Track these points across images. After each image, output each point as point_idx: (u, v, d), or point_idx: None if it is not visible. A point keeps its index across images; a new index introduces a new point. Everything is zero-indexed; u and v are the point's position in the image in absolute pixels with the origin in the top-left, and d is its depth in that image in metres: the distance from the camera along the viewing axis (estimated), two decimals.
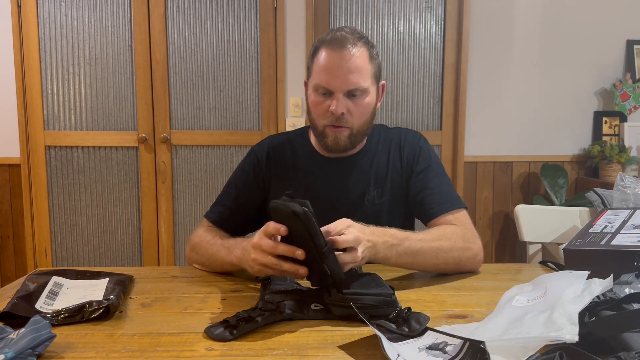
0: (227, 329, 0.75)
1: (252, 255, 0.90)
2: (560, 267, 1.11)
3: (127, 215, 2.80)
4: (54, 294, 0.89)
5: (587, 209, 1.62)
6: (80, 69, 2.71)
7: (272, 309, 0.81)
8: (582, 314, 0.65)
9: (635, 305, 0.69)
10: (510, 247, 2.95)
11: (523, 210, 1.65)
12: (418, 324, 0.74)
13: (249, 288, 1.00)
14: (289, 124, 2.75)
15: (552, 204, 2.69)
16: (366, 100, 1.14)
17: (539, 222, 1.64)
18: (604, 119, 2.85)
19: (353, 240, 0.87)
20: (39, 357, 0.67)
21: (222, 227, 1.23)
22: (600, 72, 2.85)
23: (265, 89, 2.76)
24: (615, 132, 2.85)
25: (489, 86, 2.84)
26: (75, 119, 2.73)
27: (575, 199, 2.68)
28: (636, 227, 1.09)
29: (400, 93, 2.84)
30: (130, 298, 0.94)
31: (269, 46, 2.73)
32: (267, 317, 0.79)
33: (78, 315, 0.81)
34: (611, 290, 0.77)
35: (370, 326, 0.71)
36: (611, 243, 1.01)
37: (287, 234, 0.85)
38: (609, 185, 2.14)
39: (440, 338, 0.68)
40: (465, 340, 0.64)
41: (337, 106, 1.10)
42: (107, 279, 0.98)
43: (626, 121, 2.82)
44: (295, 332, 0.77)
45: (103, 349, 0.71)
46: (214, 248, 1.11)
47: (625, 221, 1.14)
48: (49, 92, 2.71)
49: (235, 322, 0.76)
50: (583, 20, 2.82)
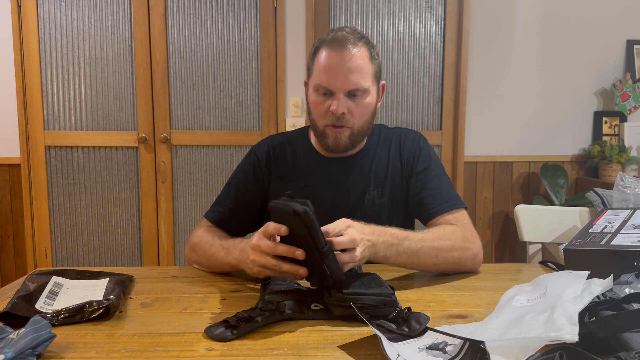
0: (227, 329, 0.75)
1: (251, 256, 0.90)
2: (560, 267, 1.11)
3: (127, 215, 2.81)
4: (54, 294, 0.89)
5: (587, 209, 1.62)
6: (80, 69, 2.71)
7: (272, 309, 0.81)
8: (582, 314, 0.65)
9: (635, 305, 0.69)
10: (510, 247, 2.95)
11: (523, 210, 1.65)
12: (418, 324, 0.74)
13: (249, 288, 1.00)
14: (289, 124, 2.75)
15: (552, 204, 2.69)
16: (367, 100, 1.14)
17: (539, 222, 1.64)
18: (604, 119, 2.85)
19: (349, 241, 0.87)
20: (39, 357, 0.67)
21: (222, 227, 1.23)
22: (600, 72, 2.85)
23: (265, 89, 2.76)
24: (615, 132, 2.85)
25: (489, 86, 2.84)
26: (75, 119, 2.73)
27: (575, 199, 2.68)
28: (636, 227, 1.09)
29: (400, 93, 2.84)
30: (130, 298, 0.94)
31: (269, 46, 2.74)
32: (267, 317, 0.79)
33: (78, 315, 0.81)
34: (611, 290, 0.77)
35: (370, 326, 0.71)
36: (611, 243, 1.01)
37: (287, 234, 0.84)
38: (609, 185, 2.14)
39: (440, 338, 0.68)
40: (465, 340, 0.64)
41: (338, 106, 1.10)
42: (107, 279, 0.98)
43: (626, 121, 2.82)
44: (295, 332, 0.77)
45: (103, 349, 0.71)
46: (213, 249, 1.11)
47: (625, 221, 1.14)
48: (49, 92, 2.71)
49: (235, 322, 0.76)
50: (583, 20, 2.82)
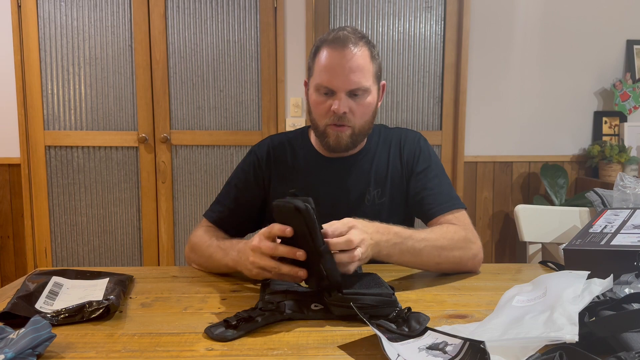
0: (227, 329, 0.75)
1: (250, 258, 0.90)
2: (560, 267, 1.11)
3: (127, 215, 2.80)
4: (54, 294, 0.89)
5: (587, 209, 1.62)
6: (80, 69, 2.71)
7: (272, 309, 0.81)
8: (582, 314, 0.65)
9: (635, 305, 0.69)
10: (510, 247, 2.95)
11: (523, 210, 1.65)
12: (418, 324, 0.74)
13: (249, 288, 1.00)
14: (289, 124, 2.75)
15: (552, 204, 2.69)
16: (368, 99, 1.14)
17: (539, 222, 1.64)
18: (604, 119, 2.85)
19: (344, 243, 0.84)
20: (39, 357, 0.67)
21: (222, 226, 1.23)
22: (600, 72, 2.85)
23: (265, 89, 2.76)
24: (615, 132, 2.85)
25: (489, 86, 2.84)
26: (75, 119, 2.73)
27: (575, 199, 2.68)
28: (636, 227, 1.09)
29: (400, 93, 2.84)
30: (130, 298, 0.94)
31: (269, 46, 2.74)
32: (267, 317, 0.79)
33: (78, 315, 0.81)
34: (611, 290, 0.77)
35: (370, 326, 0.71)
36: (611, 243, 1.01)
37: (292, 235, 0.84)
38: (609, 185, 2.14)
39: (440, 338, 0.68)
40: (465, 340, 0.64)
41: (340, 105, 1.10)
42: (107, 279, 0.98)
43: (626, 121, 2.82)
44: (295, 332, 0.77)
45: (103, 349, 0.71)
46: (211, 249, 1.10)
47: (625, 221, 1.14)
48: (49, 92, 2.71)
49: (235, 322, 0.76)
50: (583, 20, 2.82)
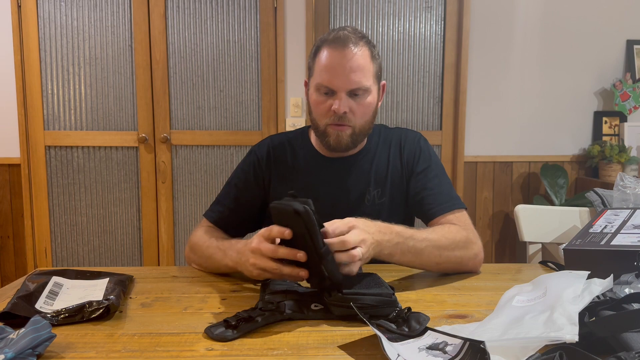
0: (227, 329, 0.75)
1: (250, 259, 0.90)
2: (560, 267, 1.11)
3: (127, 215, 2.80)
4: (54, 294, 0.89)
5: (587, 209, 1.62)
6: (80, 69, 2.71)
7: (272, 309, 0.81)
8: (582, 314, 0.65)
9: (635, 305, 0.69)
10: (510, 247, 2.95)
11: (523, 210, 1.65)
12: (418, 324, 0.74)
13: (249, 288, 1.00)
14: (289, 124, 2.75)
15: (552, 204, 2.69)
16: (368, 99, 1.14)
17: (539, 222, 1.64)
18: (604, 119, 2.85)
19: (339, 243, 0.83)
20: (39, 357, 0.67)
21: (222, 226, 1.23)
22: (600, 72, 2.85)
23: (265, 89, 2.76)
24: (615, 132, 2.85)
25: (489, 86, 2.84)
26: (75, 119, 2.73)
27: (575, 199, 2.68)
28: (636, 227, 1.09)
29: (400, 93, 2.84)
30: (130, 298, 0.94)
31: (269, 46, 2.74)
32: (267, 317, 0.79)
33: (78, 315, 0.81)
34: (611, 290, 0.77)
35: (370, 326, 0.71)
36: (611, 243, 1.01)
37: (291, 237, 0.84)
38: (609, 185, 2.14)
39: (440, 338, 0.68)
40: (465, 340, 0.64)
41: (340, 105, 1.10)
42: (107, 279, 0.97)
43: (626, 121, 2.82)
44: (295, 332, 0.77)
45: (103, 349, 0.71)
46: (210, 250, 1.10)
47: (625, 221, 1.14)
48: (49, 92, 2.71)
49: (235, 322, 0.76)
50: (583, 20, 2.82)
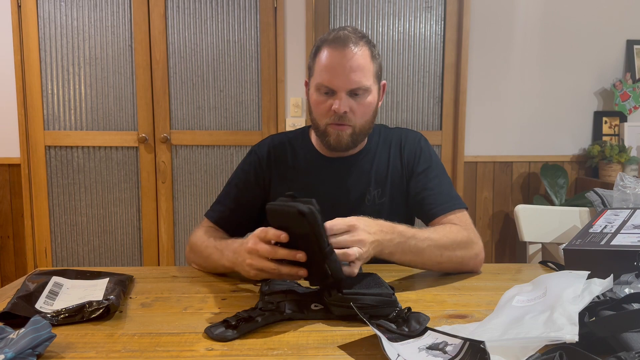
0: (227, 329, 0.75)
1: (247, 260, 0.90)
2: (560, 267, 1.11)
3: (127, 215, 2.80)
4: (54, 294, 0.89)
5: (587, 209, 1.62)
6: (80, 69, 2.71)
7: (272, 309, 0.81)
8: (582, 314, 0.65)
9: (635, 305, 0.69)
10: (510, 247, 2.95)
11: (523, 210, 1.65)
12: (418, 324, 0.74)
13: (249, 288, 1.00)
14: (289, 124, 2.75)
15: (552, 204, 2.69)
16: (368, 99, 1.14)
17: (539, 222, 1.64)
18: (604, 119, 2.85)
19: (334, 243, 0.84)
20: (39, 357, 0.67)
21: (223, 226, 1.23)
22: (600, 72, 2.85)
23: (265, 89, 2.76)
24: (615, 132, 2.85)
25: (489, 86, 2.84)
26: (75, 119, 2.73)
27: (575, 199, 2.68)
28: (636, 227, 1.09)
29: (400, 93, 2.84)
30: (130, 298, 0.94)
31: (269, 46, 2.73)
32: (267, 317, 0.79)
33: (78, 315, 0.81)
34: (611, 290, 0.77)
35: (370, 326, 0.71)
36: (611, 243, 1.01)
37: (288, 240, 0.83)
38: (609, 185, 2.14)
39: (440, 338, 0.68)
40: (465, 340, 0.64)
41: (340, 105, 1.10)
42: (107, 279, 0.97)
43: (626, 121, 2.82)
44: (295, 332, 0.77)
45: (103, 349, 0.71)
46: (208, 250, 1.10)
47: (625, 221, 1.14)
48: (49, 92, 2.71)
49: (235, 322, 0.76)
50: (583, 20, 2.82)
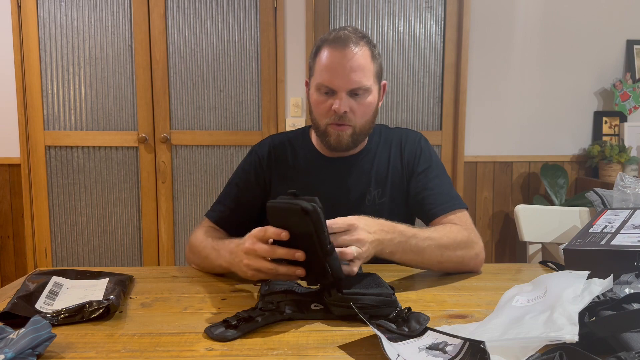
0: (227, 329, 0.75)
1: (244, 260, 0.90)
2: (560, 267, 1.11)
3: (127, 215, 2.80)
4: (54, 294, 0.89)
5: (587, 209, 1.62)
6: (80, 69, 2.71)
7: (272, 309, 0.81)
8: (582, 314, 0.65)
9: (635, 305, 0.69)
10: (510, 247, 2.95)
11: (523, 210, 1.65)
12: (418, 324, 0.74)
13: (249, 288, 1.00)
14: (289, 124, 2.75)
15: (552, 204, 2.69)
16: (369, 99, 1.14)
17: (539, 222, 1.64)
18: (604, 119, 2.85)
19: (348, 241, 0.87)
20: (39, 357, 0.67)
21: (223, 226, 1.23)
22: (600, 72, 2.85)
23: (265, 89, 2.76)
24: (615, 132, 2.85)
25: (489, 86, 2.84)
26: (75, 119, 2.73)
27: (575, 199, 2.68)
28: (636, 227, 1.09)
29: (400, 93, 2.84)
30: (130, 298, 0.94)
31: (269, 46, 2.73)
32: (267, 317, 0.79)
33: (78, 315, 0.81)
34: (611, 290, 0.77)
35: (370, 326, 0.71)
36: (611, 243, 1.01)
37: (288, 238, 0.83)
38: (609, 185, 2.14)
39: (440, 338, 0.68)
40: (465, 340, 0.64)
41: (340, 105, 1.10)
42: (107, 279, 0.97)
43: (626, 121, 2.82)
44: (295, 332, 0.77)
45: (103, 349, 0.71)
46: (206, 250, 1.10)
47: (625, 221, 1.14)
48: (49, 92, 2.71)
49: (235, 322, 0.76)
50: (583, 20, 2.82)
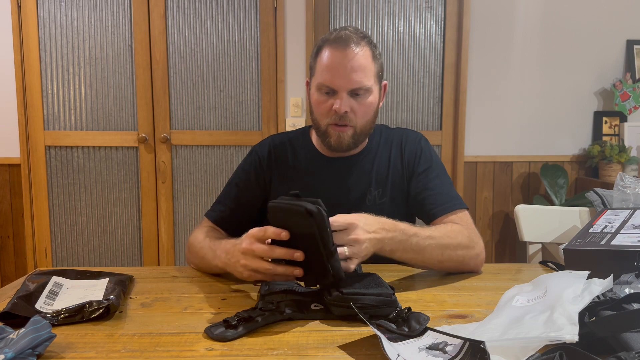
0: (227, 329, 0.75)
1: (242, 261, 0.90)
2: (560, 267, 1.11)
3: (127, 215, 2.80)
4: (54, 294, 0.89)
5: (587, 209, 1.62)
6: (80, 69, 2.71)
7: (272, 309, 0.81)
8: (582, 314, 0.65)
9: (635, 305, 0.69)
10: (510, 247, 2.95)
11: (523, 210, 1.65)
12: (418, 324, 0.74)
13: (249, 288, 1.00)
14: (289, 124, 2.75)
15: (552, 204, 2.69)
16: (369, 99, 1.14)
17: (539, 222, 1.64)
18: (604, 119, 2.85)
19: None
20: (39, 357, 0.67)
21: (223, 226, 1.23)
22: (600, 72, 2.85)
23: (265, 89, 2.76)
24: (615, 132, 2.85)
25: (489, 86, 2.84)
26: (75, 119, 2.73)
27: (575, 199, 2.68)
28: (636, 227, 1.09)
29: (400, 93, 2.84)
30: (130, 298, 0.94)
31: (269, 46, 2.73)
32: (267, 317, 0.79)
33: (78, 315, 0.81)
34: (611, 290, 0.77)
35: (370, 326, 0.71)
36: (611, 243, 1.01)
37: (288, 238, 0.83)
38: (609, 185, 2.14)
39: (440, 338, 0.68)
40: (465, 340, 0.64)
41: (341, 105, 1.10)
42: (107, 279, 0.97)
43: (626, 121, 2.82)
44: (295, 332, 0.77)
45: (103, 349, 0.71)
46: (203, 251, 1.10)
47: (625, 221, 1.14)
48: (49, 92, 2.71)
49: (235, 322, 0.76)
50: (583, 20, 2.82)
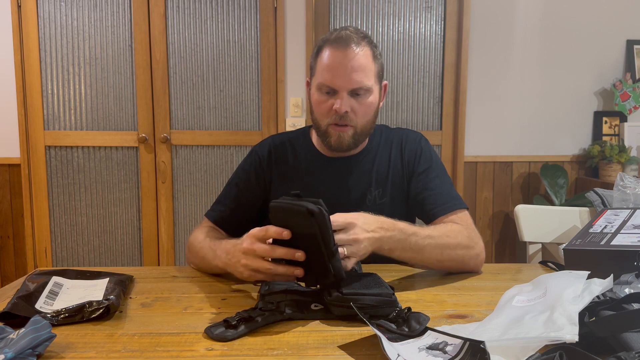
0: (227, 329, 0.75)
1: (242, 260, 0.90)
2: (560, 267, 1.11)
3: (127, 215, 2.80)
4: (54, 294, 0.89)
5: (587, 209, 1.62)
6: (80, 69, 2.71)
7: (272, 309, 0.81)
8: (582, 314, 0.65)
9: (635, 305, 0.69)
10: (510, 247, 2.95)
11: (523, 210, 1.65)
12: (418, 324, 0.74)
13: (249, 288, 1.00)
14: (289, 124, 2.75)
15: (552, 204, 2.69)
16: (370, 99, 1.14)
17: (539, 222, 1.64)
18: (604, 119, 2.85)
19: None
20: (39, 357, 0.67)
21: (223, 226, 1.23)
22: (600, 72, 2.85)
23: (265, 89, 2.76)
24: (615, 132, 2.85)
25: (489, 86, 2.84)
26: (75, 119, 2.73)
27: (575, 199, 2.68)
28: (636, 227, 1.09)
29: (400, 93, 2.84)
30: (130, 298, 0.94)
31: (269, 46, 2.73)
32: (267, 317, 0.79)
33: (78, 315, 0.81)
34: (611, 290, 0.77)
35: (370, 326, 0.71)
36: (611, 243, 1.01)
37: (289, 237, 0.83)
38: (609, 185, 2.14)
39: (440, 338, 0.68)
40: (465, 340, 0.64)
41: (342, 104, 1.10)
42: (107, 279, 0.98)
43: (626, 121, 2.82)
44: (295, 332, 0.77)
45: (103, 349, 0.71)
46: (203, 251, 1.10)
47: (625, 221, 1.14)
48: (49, 92, 2.71)
49: (235, 322, 0.76)
50: (583, 20, 2.82)
